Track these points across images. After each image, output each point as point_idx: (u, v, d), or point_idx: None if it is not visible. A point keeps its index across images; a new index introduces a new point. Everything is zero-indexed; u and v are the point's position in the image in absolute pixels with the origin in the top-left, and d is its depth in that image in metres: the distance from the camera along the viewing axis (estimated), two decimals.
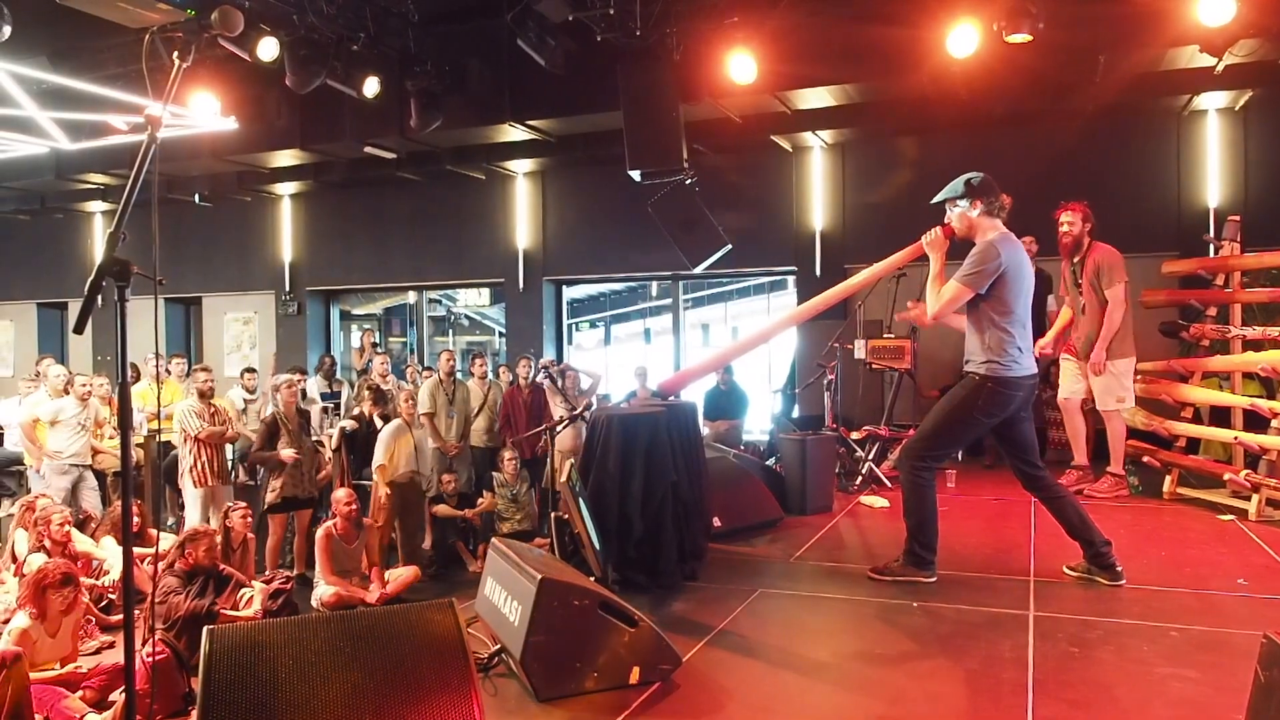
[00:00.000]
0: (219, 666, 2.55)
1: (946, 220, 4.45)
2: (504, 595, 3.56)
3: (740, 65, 7.40)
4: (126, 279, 2.14)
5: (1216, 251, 6.86)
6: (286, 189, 12.55)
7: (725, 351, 10.55)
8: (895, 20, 7.16)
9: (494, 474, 7.87)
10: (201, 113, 7.96)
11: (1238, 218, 6.65)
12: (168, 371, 9.02)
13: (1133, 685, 3.19)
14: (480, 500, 7.68)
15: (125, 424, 2.31)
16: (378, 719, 2.64)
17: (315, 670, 2.64)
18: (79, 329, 2.16)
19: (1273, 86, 8.06)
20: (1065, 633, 3.71)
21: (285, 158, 10.91)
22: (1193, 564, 4.77)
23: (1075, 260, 6.26)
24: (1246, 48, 6.81)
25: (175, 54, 2.14)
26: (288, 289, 13.03)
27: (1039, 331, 5.93)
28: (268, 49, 7.44)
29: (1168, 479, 6.45)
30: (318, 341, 13.14)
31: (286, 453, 6.81)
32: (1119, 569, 4.37)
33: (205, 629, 2.67)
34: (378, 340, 13.52)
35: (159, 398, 7.85)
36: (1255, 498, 5.71)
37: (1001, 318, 4.23)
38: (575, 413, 6.30)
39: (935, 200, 4.46)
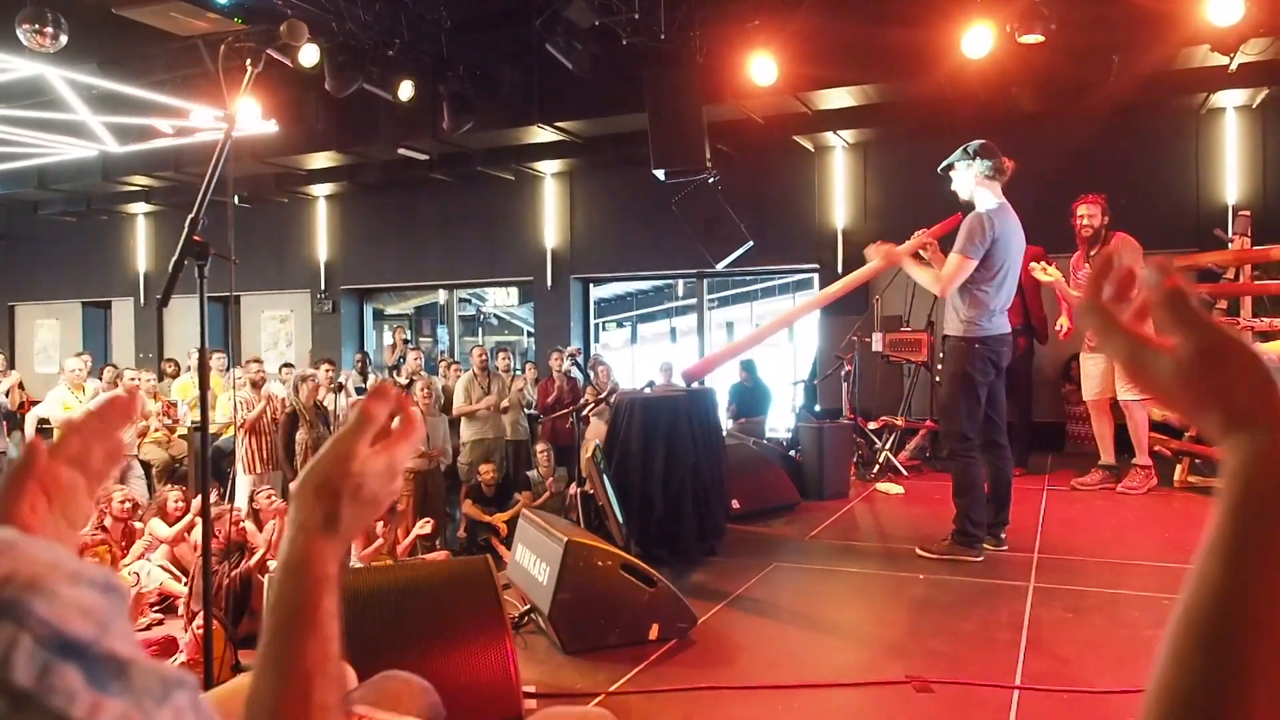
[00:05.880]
0: None
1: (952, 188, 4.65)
2: (534, 558, 3.83)
3: (762, 67, 7.63)
4: (205, 258, 2.43)
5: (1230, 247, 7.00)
6: (322, 190, 12.94)
7: (747, 338, 10.77)
8: (912, 22, 7.34)
9: (529, 473, 8.09)
10: (244, 116, 8.34)
11: (1248, 213, 6.80)
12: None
13: (1120, 645, 3.40)
14: (512, 503, 7.89)
15: (204, 413, 2.60)
16: (419, 660, 2.91)
17: (365, 614, 2.92)
18: (164, 302, 2.45)
19: None
20: (1061, 601, 3.91)
21: (322, 159, 11.28)
22: (1196, 544, 4.90)
23: (1093, 253, 6.32)
24: (1259, 46, 6.95)
25: (248, 60, 2.44)
26: (323, 288, 13.40)
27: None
28: (308, 55, 7.80)
29: (1179, 468, 6.59)
30: (351, 339, 13.50)
31: None
32: (987, 545, 4.58)
33: (266, 577, 2.96)
34: (409, 338, 13.87)
35: (203, 390, 8.23)
36: None
37: (985, 281, 4.46)
38: (601, 397, 6.57)
39: (941, 167, 4.64)
